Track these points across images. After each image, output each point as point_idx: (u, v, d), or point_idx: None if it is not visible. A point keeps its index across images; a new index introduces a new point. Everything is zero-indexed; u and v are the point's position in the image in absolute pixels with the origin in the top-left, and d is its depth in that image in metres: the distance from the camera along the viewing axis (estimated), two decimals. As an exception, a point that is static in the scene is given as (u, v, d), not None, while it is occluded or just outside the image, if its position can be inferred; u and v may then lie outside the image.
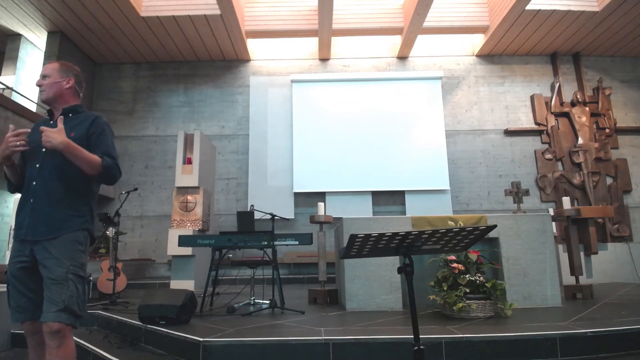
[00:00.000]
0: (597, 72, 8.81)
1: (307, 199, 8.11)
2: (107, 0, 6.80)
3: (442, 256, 3.48)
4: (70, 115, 1.91)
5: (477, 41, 8.73)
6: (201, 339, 2.59)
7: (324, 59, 8.88)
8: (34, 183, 1.78)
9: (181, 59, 8.83)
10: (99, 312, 3.93)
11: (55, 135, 1.68)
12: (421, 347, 1.46)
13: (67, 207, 1.78)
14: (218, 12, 7.22)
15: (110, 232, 4.97)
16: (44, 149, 1.80)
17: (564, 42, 8.41)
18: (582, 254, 5.18)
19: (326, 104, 8.48)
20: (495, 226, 1.58)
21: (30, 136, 1.86)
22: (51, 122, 1.92)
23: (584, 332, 2.61)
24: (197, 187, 6.20)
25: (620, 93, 8.77)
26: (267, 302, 3.84)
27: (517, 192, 5.17)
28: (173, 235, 5.71)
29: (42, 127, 1.71)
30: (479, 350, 2.52)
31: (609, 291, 4.99)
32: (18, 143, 1.75)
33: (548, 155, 8.35)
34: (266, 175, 8.26)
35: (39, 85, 1.91)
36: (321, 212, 4.57)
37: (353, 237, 1.49)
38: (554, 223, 4.80)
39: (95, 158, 1.78)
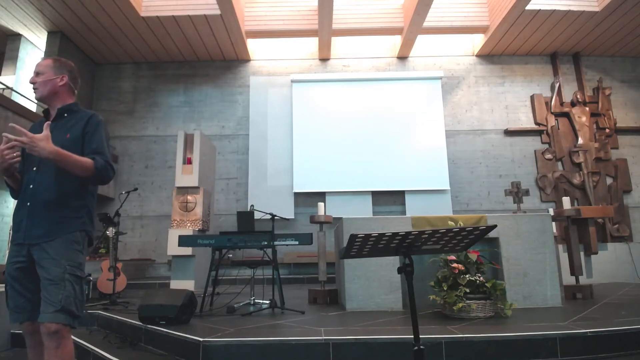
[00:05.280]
0: (597, 72, 8.81)
1: (307, 199, 8.11)
2: (107, 0, 6.80)
3: (442, 256, 3.48)
4: (65, 115, 1.89)
5: (477, 41, 8.73)
6: (201, 339, 2.59)
7: (324, 59, 8.88)
8: (31, 186, 1.77)
9: (181, 59, 8.83)
10: (99, 312, 3.93)
11: (43, 145, 1.62)
12: (421, 347, 1.46)
13: (65, 209, 1.77)
14: (218, 12, 7.22)
15: (110, 232, 4.97)
16: None
17: (564, 42, 8.41)
18: (582, 254, 5.19)
19: (326, 104, 8.48)
20: (495, 226, 1.57)
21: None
22: (47, 122, 1.89)
23: (584, 332, 2.61)
24: (197, 187, 6.20)
25: (620, 93, 8.77)
26: (267, 302, 3.84)
27: (517, 192, 5.16)
28: (173, 235, 5.71)
29: (29, 135, 1.63)
30: (479, 350, 2.52)
31: (609, 291, 4.99)
32: (14, 155, 1.72)
33: (548, 155, 8.34)
34: (266, 175, 8.26)
35: (32, 82, 1.87)
36: (321, 212, 4.57)
37: (353, 237, 1.49)
38: (554, 223, 4.79)
39: (87, 161, 1.74)
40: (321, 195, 8.03)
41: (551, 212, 5.03)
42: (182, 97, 8.81)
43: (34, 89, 1.88)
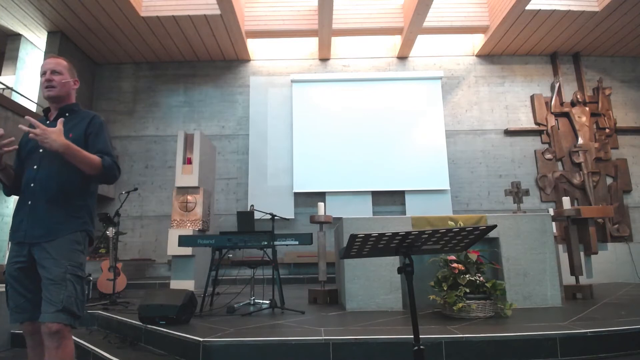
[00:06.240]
0: (597, 72, 8.81)
1: (307, 199, 8.11)
2: (107, 0, 6.80)
3: (442, 256, 3.48)
4: (67, 115, 1.90)
5: (477, 41, 8.73)
6: (201, 339, 2.59)
7: (324, 59, 8.88)
8: (32, 185, 1.77)
9: (181, 59, 8.83)
10: (99, 312, 3.93)
11: (55, 137, 1.65)
12: (421, 347, 1.46)
13: (66, 209, 1.77)
14: (218, 12, 7.22)
15: (110, 232, 4.97)
16: (41, 150, 1.78)
17: (564, 42, 8.41)
18: (582, 254, 5.18)
19: (326, 104, 8.47)
20: (495, 226, 1.57)
21: (26, 137, 1.84)
22: (47, 122, 1.89)
23: (584, 332, 2.61)
24: (197, 187, 6.20)
25: (620, 93, 8.77)
26: (267, 302, 3.84)
27: (517, 192, 5.16)
28: (173, 235, 5.71)
29: (42, 127, 1.65)
30: (479, 350, 2.52)
31: (609, 291, 4.99)
32: (5, 143, 1.71)
33: (548, 155, 8.34)
34: (266, 175, 8.26)
35: (49, 80, 1.85)
36: (321, 212, 4.57)
37: (353, 237, 1.49)
38: (554, 223, 4.79)
39: (95, 158, 1.77)
40: (321, 195, 8.03)
41: (551, 212, 5.03)
42: (182, 97, 8.81)
43: (50, 86, 1.86)
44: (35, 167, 1.79)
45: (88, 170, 1.76)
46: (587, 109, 8.47)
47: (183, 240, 4.02)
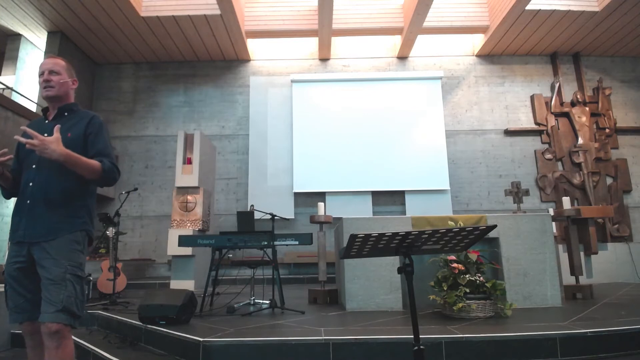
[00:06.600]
0: (597, 72, 8.81)
1: (307, 199, 8.11)
2: (107, 0, 6.80)
3: (442, 256, 3.48)
4: (66, 114, 1.90)
5: (477, 41, 8.73)
6: (201, 339, 2.59)
7: (324, 59, 8.88)
8: (31, 184, 1.76)
9: (181, 59, 8.83)
10: (99, 312, 3.93)
11: (54, 147, 1.64)
12: (421, 347, 1.46)
13: (65, 208, 1.77)
14: (218, 12, 7.22)
15: (110, 232, 4.97)
16: None
17: (564, 42, 8.41)
18: (582, 254, 5.18)
19: (326, 104, 8.47)
20: (495, 226, 1.57)
21: (25, 136, 1.84)
22: (46, 121, 1.90)
23: (584, 332, 2.61)
24: (197, 187, 6.20)
25: (620, 93, 8.77)
26: (267, 302, 3.84)
27: (517, 192, 5.16)
28: (173, 235, 5.71)
29: (40, 137, 1.64)
30: (479, 350, 2.52)
31: (609, 291, 4.99)
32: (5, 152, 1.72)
33: (548, 155, 8.34)
34: (266, 175, 8.26)
35: (47, 80, 1.86)
36: (321, 212, 4.57)
37: (353, 237, 1.49)
38: (554, 223, 4.79)
39: (95, 163, 1.76)
40: (321, 195, 8.03)
41: (551, 212, 5.03)
42: (182, 97, 8.80)
43: (48, 86, 1.86)
44: (34, 166, 1.79)
45: (88, 175, 1.76)
46: (587, 109, 8.47)
47: (183, 240, 4.02)
